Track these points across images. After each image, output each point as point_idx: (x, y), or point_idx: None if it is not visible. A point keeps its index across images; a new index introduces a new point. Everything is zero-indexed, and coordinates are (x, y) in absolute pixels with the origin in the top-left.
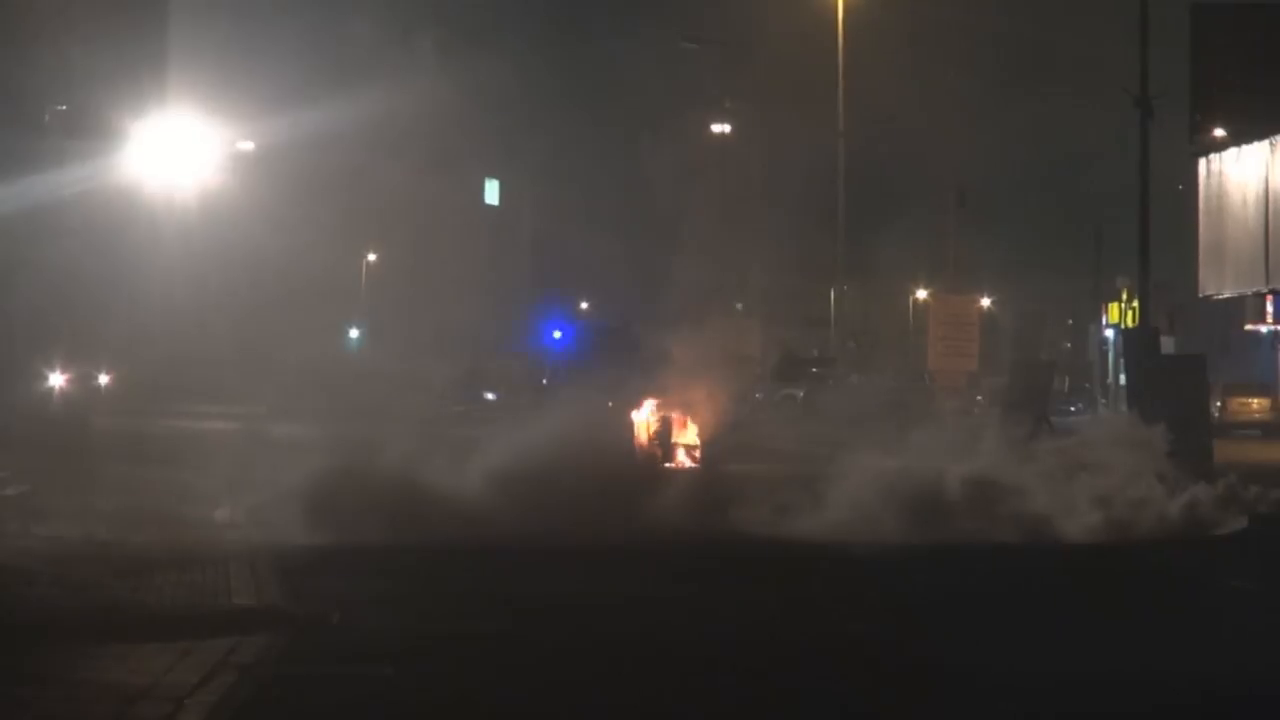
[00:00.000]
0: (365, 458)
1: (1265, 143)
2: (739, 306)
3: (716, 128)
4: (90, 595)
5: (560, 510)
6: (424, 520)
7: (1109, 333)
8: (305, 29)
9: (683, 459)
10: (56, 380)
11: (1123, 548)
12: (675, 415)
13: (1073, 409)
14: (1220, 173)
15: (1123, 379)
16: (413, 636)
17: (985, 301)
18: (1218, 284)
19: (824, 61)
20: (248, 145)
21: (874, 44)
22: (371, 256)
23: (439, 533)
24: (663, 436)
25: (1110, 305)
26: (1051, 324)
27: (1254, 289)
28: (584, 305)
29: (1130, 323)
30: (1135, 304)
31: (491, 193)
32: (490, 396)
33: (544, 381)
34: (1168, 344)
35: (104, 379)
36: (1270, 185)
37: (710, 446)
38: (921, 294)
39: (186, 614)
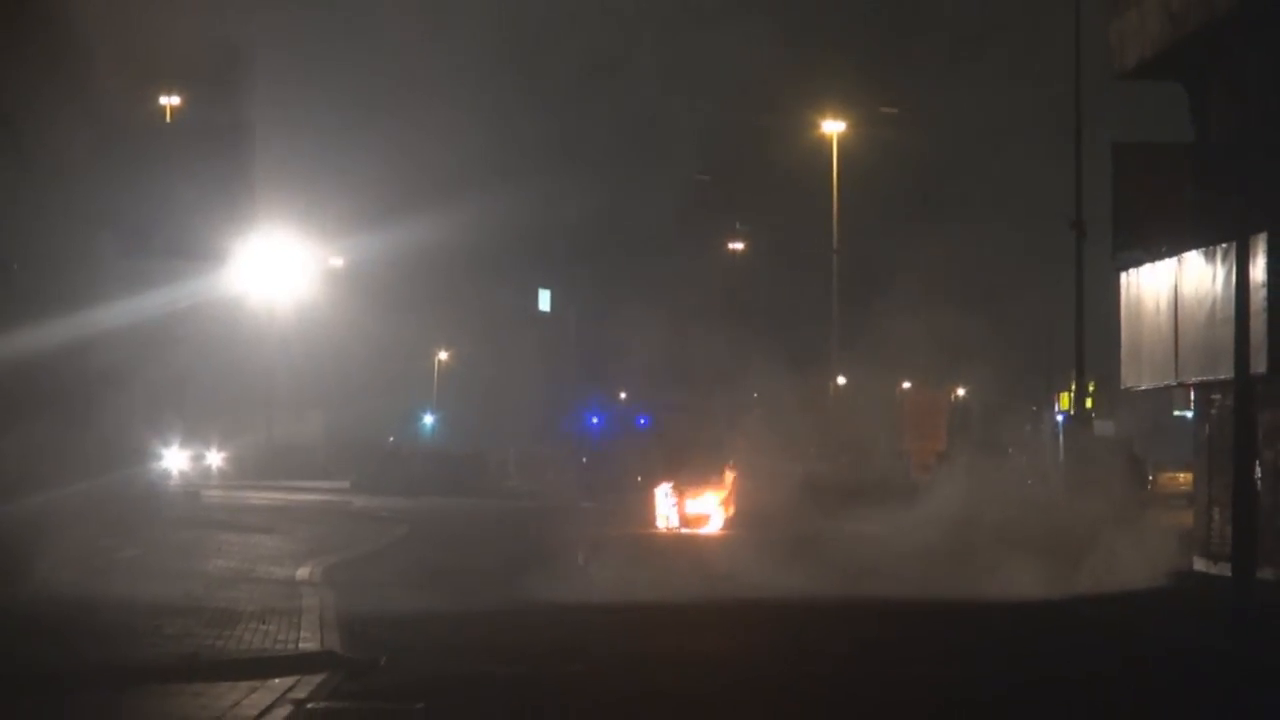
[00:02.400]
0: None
1: (1174, 259)
2: (755, 395)
3: (732, 245)
4: (179, 643)
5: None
6: (471, 586)
7: (1060, 418)
8: (386, 155)
9: (702, 524)
10: (174, 460)
11: None
12: (693, 489)
13: (1029, 482)
14: (1138, 284)
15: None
16: (444, 678)
17: (960, 391)
18: (1136, 378)
19: (821, 187)
20: (337, 261)
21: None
22: (443, 355)
23: (484, 596)
24: (679, 505)
25: (1061, 395)
26: (1016, 410)
27: (1165, 382)
28: (622, 395)
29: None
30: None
31: (544, 300)
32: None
33: (583, 460)
34: (1107, 427)
35: (217, 460)
36: (1179, 294)
37: (724, 514)
38: (906, 384)
39: (256, 657)
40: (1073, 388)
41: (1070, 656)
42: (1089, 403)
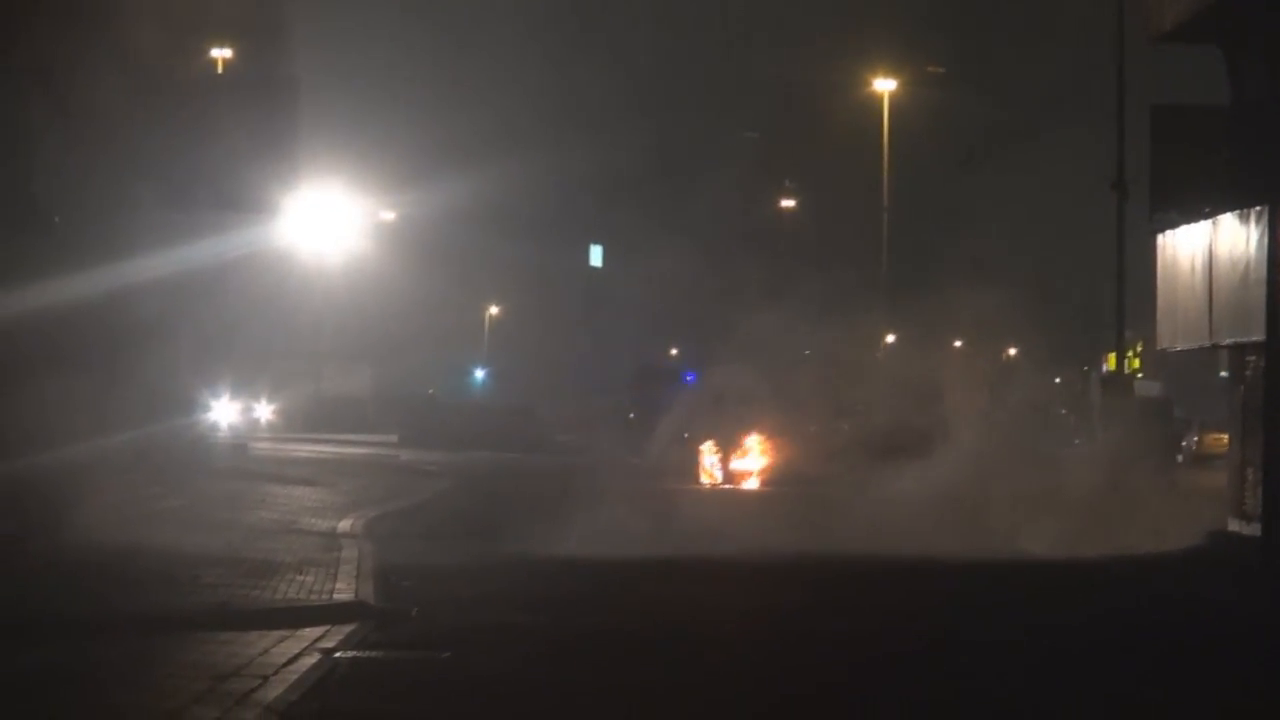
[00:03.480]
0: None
1: (1209, 221)
2: (807, 353)
3: (785, 202)
4: (214, 593)
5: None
6: (507, 539)
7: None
8: (438, 109)
9: (745, 480)
10: (223, 412)
11: None
12: (737, 446)
13: (1077, 442)
14: (1174, 246)
15: None
16: (473, 628)
17: (1011, 351)
18: (1172, 339)
19: (872, 143)
20: (388, 215)
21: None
22: (494, 309)
23: (518, 549)
24: (723, 461)
25: (1109, 354)
26: (1065, 370)
27: (1199, 343)
28: (673, 351)
29: (1125, 370)
30: (1129, 353)
31: (595, 256)
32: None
33: (630, 416)
34: (1154, 388)
35: (266, 412)
36: (1213, 256)
37: (773, 470)
38: (957, 344)
39: (288, 607)
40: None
41: (1075, 616)
42: (1135, 363)
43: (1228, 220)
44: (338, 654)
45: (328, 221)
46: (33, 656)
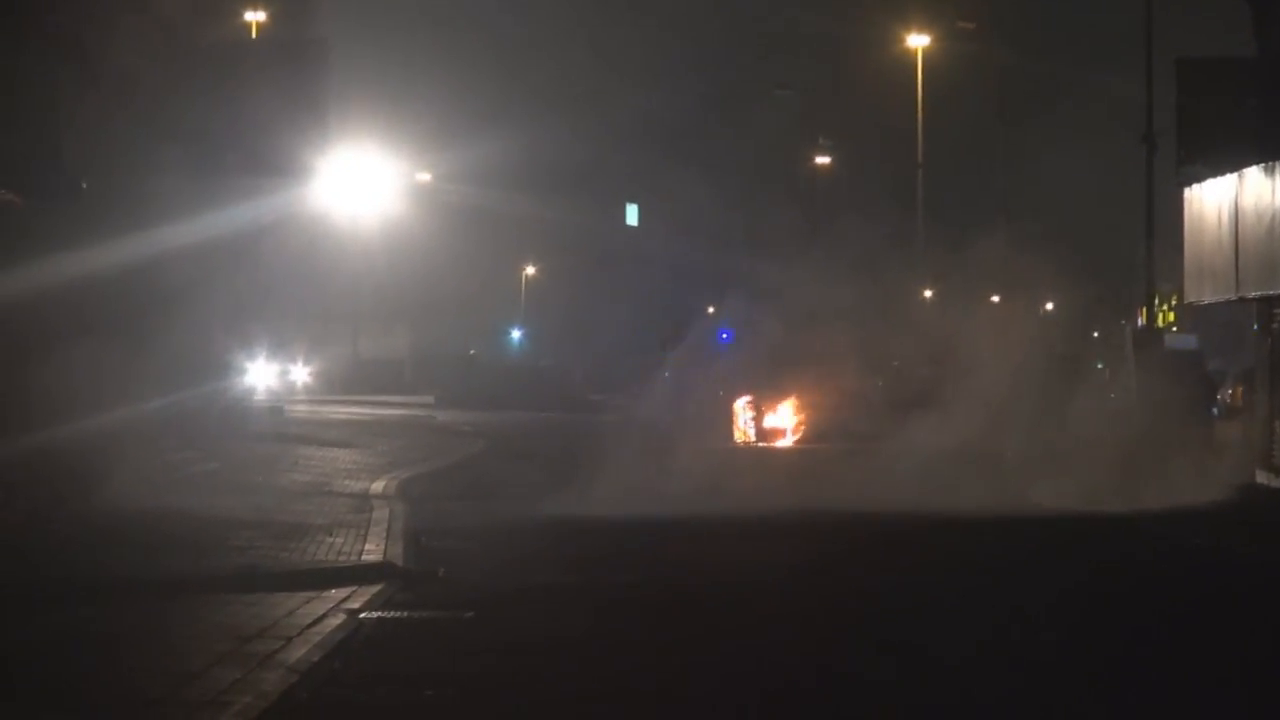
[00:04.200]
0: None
1: (1235, 175)
2: (842, 309)
3: (819, 159)
4: (243, 555)
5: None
6: (537, 500)
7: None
8: (474, 69)
9: (779, 438)
10: (260, 375)
11: None
12: (771, 403)
13: (1112, 396)
14: (1201, 199)
15: None
16: (498, 589)
17: (1049, 305)
18: (1199, 292)
19: (906, 100)
20: (424, 176)
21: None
22: (530, 269)
23: (547, 509)
24: (756, 419)
25: (1142, 308)
26: (1101, 323)
27: (1226, 296)
28: (709, 310)
29: (1160, 323)
30: (1164, 306)
31: (632, 215)
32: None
33: (666, 375)
34: (1189, 341)
35: (303, 375)
36: (1239, 209)
37: (807, 427)
38: (995, 299)
39: (316, 569)
40: (1154, 301)
41: (1092, 569)
42: (1170, 316)
43: (1253, 173)
44: (363, 615)
45: (363, 184)
46: (57, 618)
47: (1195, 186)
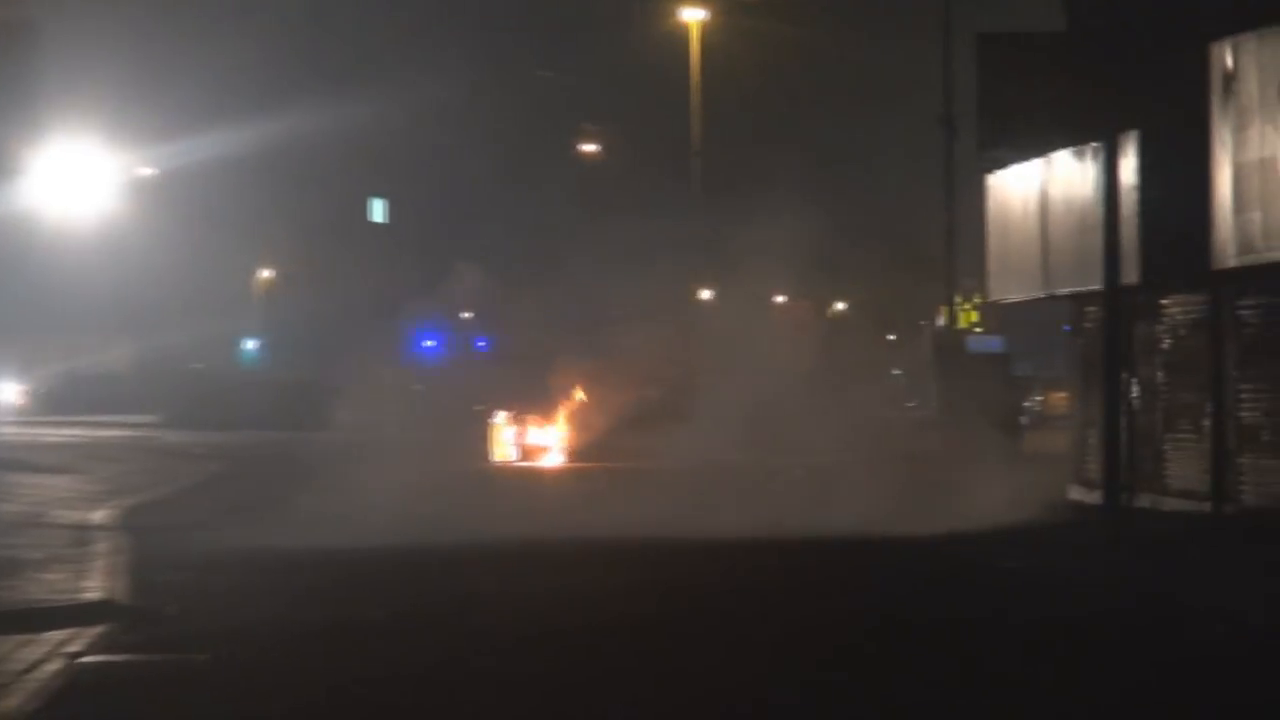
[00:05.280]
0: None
1: (1043, 159)
2: (613, 313)
3: (585, 147)
4: None
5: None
6: (280, 527)
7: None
8: (202, 57)
9: (543, 457)
10: None
11: None
12: (534, 418)
13: (910, 405)
14: (1005, 187)
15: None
16: (239, 626)
17: (840, 305)
18: (1004, 289)
19: (680, 84)
20: (147, 171)
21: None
22: (266, 273)
23: (293, 538)
24: (518, 436)
25: (943, 307)
26: (903, 326)
27: (1034, 294)
28: (465, 315)
29: (963, 324)
30: (966, 305)
31: (378, 211)
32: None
33: (418, 388)
34: (994, 343)
35: (14, 393)
36: (1047, 198)
37: (575, 443)
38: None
39: (29, 609)
40: (956, 300)
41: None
42: (972, 316)
43: (1062, 158)
44: (84, 659)
45: (79, 180)
46: None
47: (999, 173)
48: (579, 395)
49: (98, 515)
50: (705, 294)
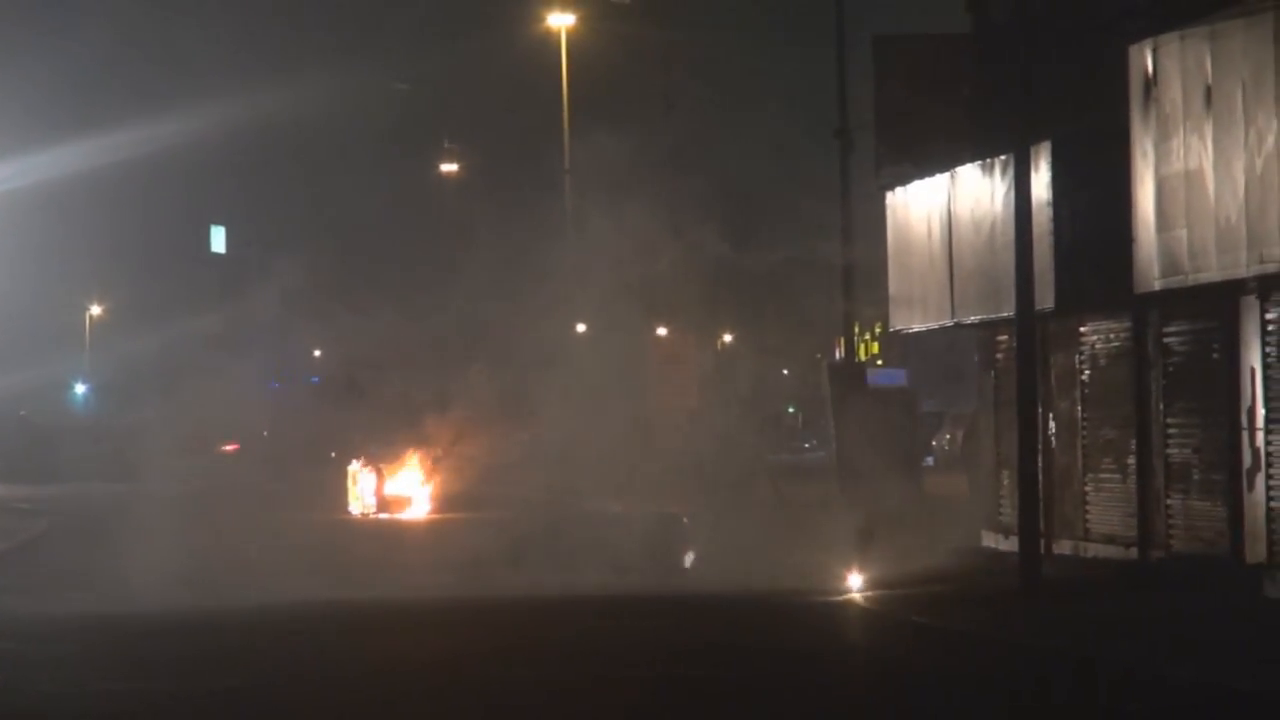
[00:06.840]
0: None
1: (947, 174)
2: (478, 349)
3: (443, 167)
4: None
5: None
6: (109, 590)
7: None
8: (22, 74)
9: (404, 508)
10: None
11: None
12: (388, 466)
13: (806, 445)
14: (906, 205)
15: None
16: (65, 698)
17: (727, 337)
18: (906, 318)
19: (550, 98)
20: None
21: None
22: (96, 309)
23: (123, 602)
24: (377, 485)
25: (840, 338)
26: (799, 359)
27: (940, 322)
28: (316, 353)
29: (862, 356)
30: (866, 335)
31: (218, 240)
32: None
33: (265, 433)
34: (897, 376)
35: None
36: (953, 216)
37: (438, 492)
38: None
39: None
40: (855, 331)
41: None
42: (873, 348)
43: (968, 172)
44: None
45: None
46: None
47: (899, 190)
48: (443, 439)
49: None
50: (579, 327)
